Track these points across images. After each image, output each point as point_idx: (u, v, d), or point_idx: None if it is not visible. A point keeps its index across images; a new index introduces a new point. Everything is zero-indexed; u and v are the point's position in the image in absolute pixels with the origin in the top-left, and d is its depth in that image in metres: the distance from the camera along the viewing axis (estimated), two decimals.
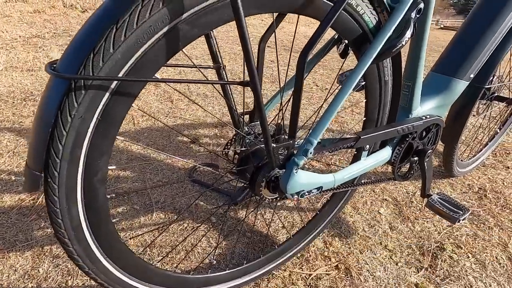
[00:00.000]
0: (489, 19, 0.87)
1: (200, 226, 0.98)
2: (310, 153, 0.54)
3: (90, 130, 0.40)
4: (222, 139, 1.50)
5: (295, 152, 0.59)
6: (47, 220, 0.94)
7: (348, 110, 2.01)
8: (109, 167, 0.46)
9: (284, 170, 0.58)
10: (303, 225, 0.90)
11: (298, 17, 0.52)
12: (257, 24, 4.67)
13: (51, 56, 2.34)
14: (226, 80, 0.60)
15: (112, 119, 0.42)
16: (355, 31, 0.58)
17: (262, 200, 1.10)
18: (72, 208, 0.44)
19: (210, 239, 0.94)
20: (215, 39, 0.54)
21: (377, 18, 0.58)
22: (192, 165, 1.26)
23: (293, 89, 0.51)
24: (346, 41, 0.61)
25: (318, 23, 0.50)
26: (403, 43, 0.58)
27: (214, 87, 0.54)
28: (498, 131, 1.43)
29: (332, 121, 1.70)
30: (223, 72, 0.57)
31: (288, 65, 0.75)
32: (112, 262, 0.54)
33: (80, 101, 0.38)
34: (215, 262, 0.84)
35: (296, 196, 0.58)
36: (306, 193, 0.61)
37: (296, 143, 0.60)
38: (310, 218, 0.91)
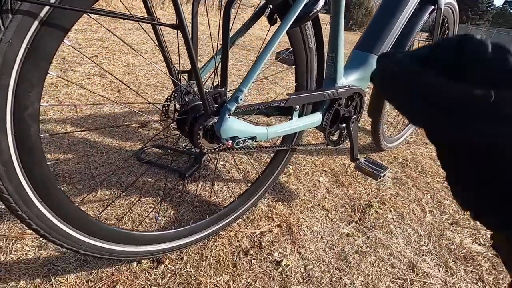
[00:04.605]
0: (394, 8, 1.05)
1: (147, 199, 0.99)
2: (241, 99, 0.61)
3: (19, 58, 0.42)
4: None
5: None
6: None
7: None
8: (42, 104, 0.47)
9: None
10: (246, 188, 0.96)
11: None
12: None
13: None
14: (161, 34, 0.64)
15: (42, 50, 0.43)
16: None
17: (204, 157, 1.14)
18: (1, 139, 0.44)
19: (158, 210, 0.96)
20: None
21: None
22: (140, 147, 1.25)
23: (221, 41, 0.57)
24: (271, 6, 0.69)
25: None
26: (318, 8, 0.68)
27: (155, 44, 0.58)
28: None
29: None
30: (159, 28, 0.61)
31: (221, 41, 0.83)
32: (49, 209, 0.54)
33: (7, 25, 0.39)
34: (159, 218, 0.86)
35: (230, 142, 0.64)
36: (241, 142, 0.67)
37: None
38: (253, 181, 0.98)
